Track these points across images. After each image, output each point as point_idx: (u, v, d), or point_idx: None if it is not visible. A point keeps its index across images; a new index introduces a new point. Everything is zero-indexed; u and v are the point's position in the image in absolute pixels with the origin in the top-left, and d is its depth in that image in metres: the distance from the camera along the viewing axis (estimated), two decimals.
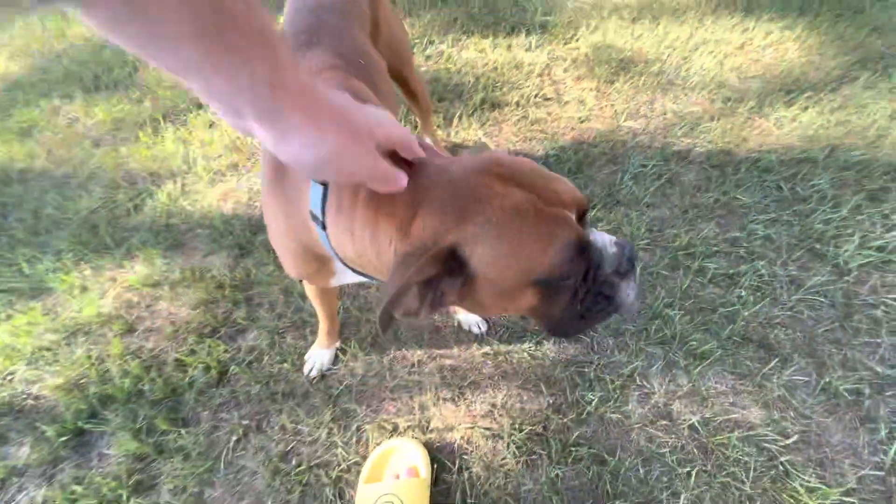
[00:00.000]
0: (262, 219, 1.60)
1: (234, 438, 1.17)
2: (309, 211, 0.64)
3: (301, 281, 1.28)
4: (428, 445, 1.14)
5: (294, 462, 1.14)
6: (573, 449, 1.11)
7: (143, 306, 1.45)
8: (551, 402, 1.20)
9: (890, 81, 1.89)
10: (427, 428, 1.18)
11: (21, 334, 1.38)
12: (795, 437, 1.11)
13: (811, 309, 1.32)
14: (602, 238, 0.61)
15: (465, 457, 1.13)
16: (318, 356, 1.28)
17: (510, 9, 2.48)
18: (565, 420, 1.16)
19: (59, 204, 1.74)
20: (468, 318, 1.32)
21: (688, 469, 1.08)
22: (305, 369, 1.28)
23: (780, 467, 1.07)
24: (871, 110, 1.79)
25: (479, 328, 1.32)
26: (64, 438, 1.18)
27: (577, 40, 2.26)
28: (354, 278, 0.85)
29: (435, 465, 1.11)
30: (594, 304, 0.62)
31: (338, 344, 1.30)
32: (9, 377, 1.31)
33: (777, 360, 1.22)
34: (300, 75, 0.38)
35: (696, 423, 1.14)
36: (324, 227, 0.63)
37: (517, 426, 1.15)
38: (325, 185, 0.61)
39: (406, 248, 0.55)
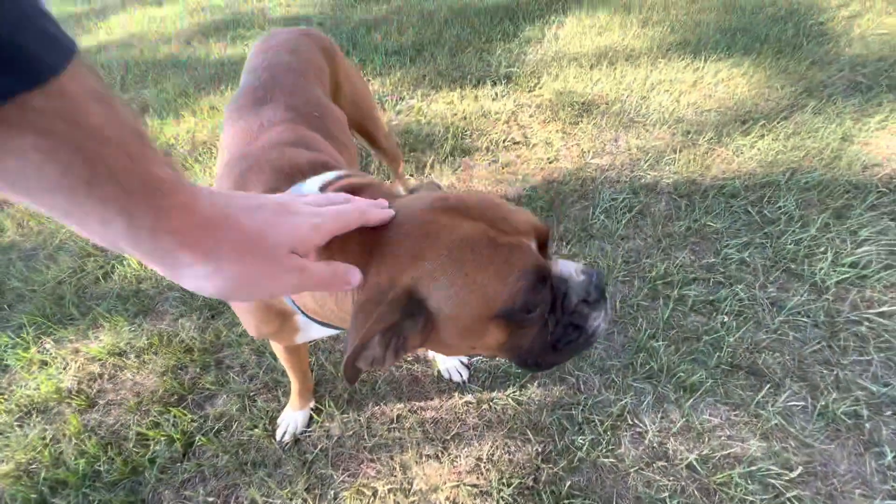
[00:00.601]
0: None
1: None
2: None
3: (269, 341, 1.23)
4: None
5: None
6: (567, 502, 1.03)
7: (106, 378, 1.37)
8: (540, 450, 1.12)
9: (835, 106, 1.99)
10: (409, 490, 1.09)
11: None
12: (800, 469, 1.04)
13: (796, 330, 1.29)
14: (567, 267, 0.60)
15: None
16: (292, 419, 1.20)
17: (475, 63, 2.62)
18: (556, 469, 1.08)
19: (25, 276, 1.69)
20: (447, 365, 1.26)
21: None
22: (278, 434, 1.20)
23: None
24: (823, 134, 1.87)
25: (461, 375, 1.26)
26: None
27: (540, 88, 2.37)
28: (321, 332, 0.81)
29: None
30: (565, 335, 0.59)
31: (312, 404, 1.23)
32: None
33: (769, 385, 1.18)
34: (198, 211, 0.35)
35: (695, 462, 1.07)
36: None
37: (505, 480, 1.07)
38: None
39: (363, 295, 0.53)
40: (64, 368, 1.39)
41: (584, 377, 1.24)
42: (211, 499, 1.10)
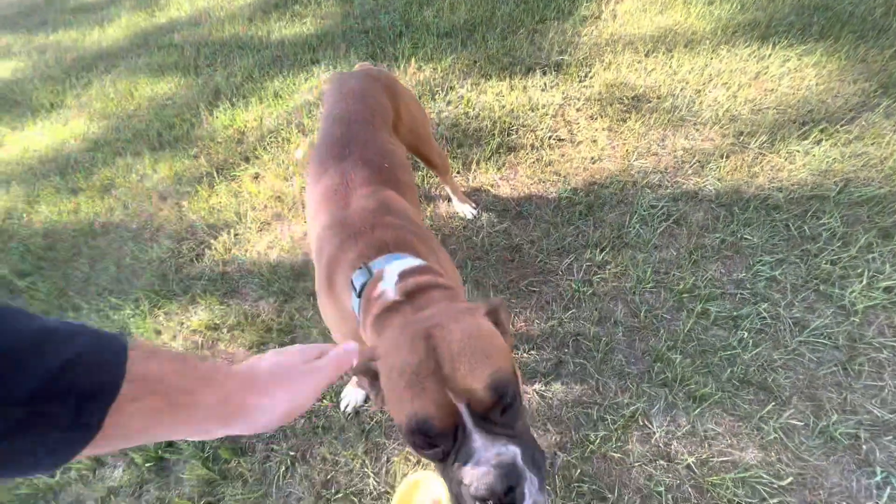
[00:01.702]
0: (302, 266, 1.81)
1: (283, 468, 1.37)
2: (351, 307, 0.86)
3: None
4: None
5: (334, 489, 1.33)
6: (576, 485, 1.24)
7: (205, 347, 1.69)
8: (557, 439, 1.32)
9: None
10: None
11: None
12: (790, 479, 1.18)
13: (813, 351, 1.37)
14: (484, 450, 0.58)
15: None
16: (353, 394, 1.47)
17: (527, 47, 2.61)
18: (570, 458, 1.28)
19: (135, 255, 2.04)
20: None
21: None
22: (342, 405, 1.47)
23: None
24: (891, 140, 1.79)
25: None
26: (149, 464, 1.42)
27: (590, 78, 2.35)
28: None
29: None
30: (457, 493, 0.60)
31: None
32: None
33: (775, 402, 1.29)
34: (239, 392, 0.50)
35: (693, 463, 1.23)
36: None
37: None
38: (359, 295, 0.81)
39: (365, 352, 0.71)
40: (173, 337, 1.73)
41: (603, 381, 1.40)
42: (292, 453, 1.40)
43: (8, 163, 2.76)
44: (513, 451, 0.58)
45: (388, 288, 0.81)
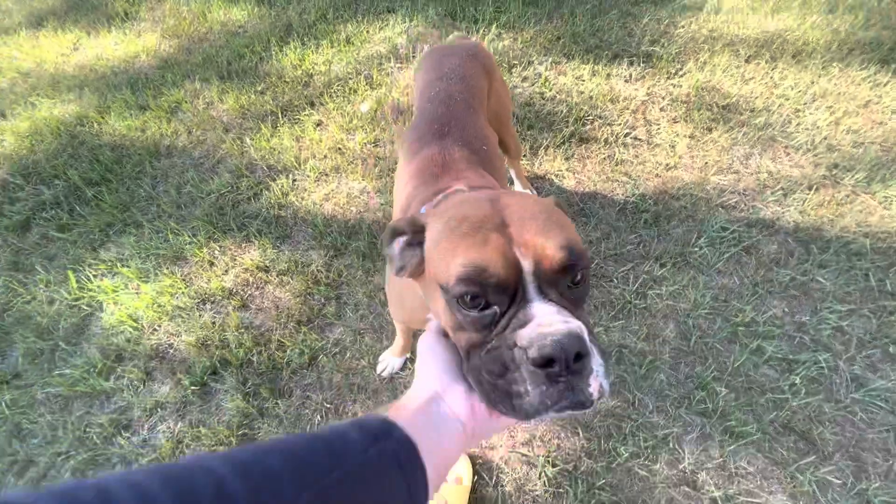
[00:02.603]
0: (356, 224, 1.82)
1: (317, 417, 1.44)
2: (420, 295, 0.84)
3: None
4: (472, 458, 1.34)
5: None
6: (597, 492, 1.26)
7: (255, 287, 1.75)
8: (585, 445, 1.34)
9: None
10: None
11: (165, 294, 1.73)
12: None
13: (866, 411, 1.32)
14: (544, 311, 0.49)
15: (502, 475, 1.32)
16: (391, 361, 1.51)
17: (616, 31, 2.44)
18: (595, 465, 1.30)
19: (196, 183, 2.08)
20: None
21: None
22: (378, 368, 1.52)
23: None
24: None
25: None
26: (194, 387, 1.51)
27: (681, 76, 2.20)
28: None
29: (475, 477, 1.31)
30: (490, 366, 0.49)
31: (408, 355, 1.52)
32: (156, 328, 1.67)
33: (816, 455, 1.27)
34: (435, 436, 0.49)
35: (718, 497, 1.23)
36: None
37: (551, 460, 1.32)
38: None
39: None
40: (225, 272, 1.79)
41: (640, 397, 1.40)
42: (327, 405, 1.46)
43: (82, 67, 2.81)
44: (579, 324, 0.48)
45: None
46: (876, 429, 1.30)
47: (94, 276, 1.82)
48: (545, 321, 0.47)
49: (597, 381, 0.47)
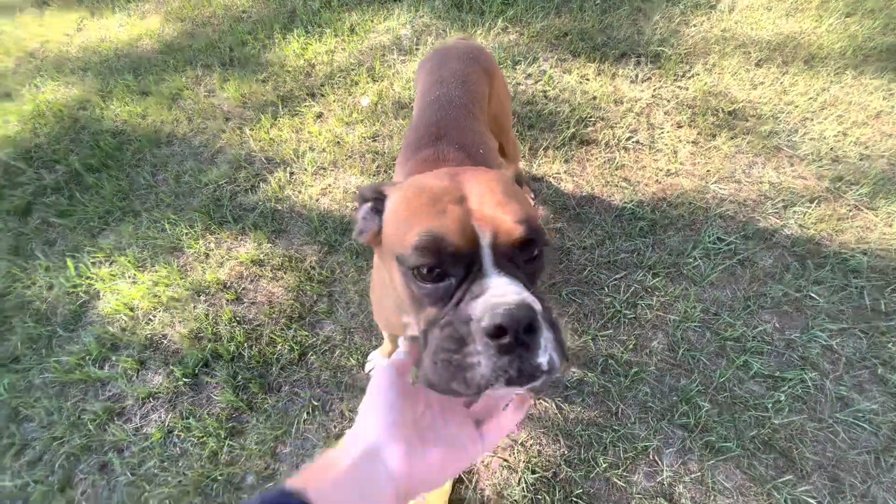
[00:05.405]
0: (351, 222, 1.82)
1: (305, 413, 1.47)
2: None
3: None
4: None
5: None
6: (574, 500, 1.28)
7: (249, 280, 1.77)
8: (566, 453, 1.36)
9: None
10: None
11: (161, 284, 1.76)
12: None
13: (849, 432, 1.32)
14: (498, 283, 0.50)
15: (482, 479, 1.34)
16: (380, 359, 1.52)
17: (626, 28, 2.38)
18: (574, 474, 1.32)
19: (194, 173, 2.09)
20: None
21: None
22: (367, 367, 1.54)
23: None
24: None
25: None
26: (186, 379, 1.55)
27: (688, 78, 2.15)
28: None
29: (454, 479, 1.34)
30: (446, 343, 0.49)
31: None
32: (151, 318, 1.70)
33: (794, 474, 1.27)
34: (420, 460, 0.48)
35: None
36: None
37: (531, 467, 1.34)
38: None
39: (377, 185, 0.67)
40: (220, 265, 1.81)
41: (623, 409, 1.40)
42: (315, 402, 1.49)
43: (86, 49, 2.81)
44: (531, 296, 0.49)
45: None
46: (857, 450, 1.30)
47: (93, 263, 1.85)
48: (499, 292, 0.48)
49: (546, 354, 0.47)
